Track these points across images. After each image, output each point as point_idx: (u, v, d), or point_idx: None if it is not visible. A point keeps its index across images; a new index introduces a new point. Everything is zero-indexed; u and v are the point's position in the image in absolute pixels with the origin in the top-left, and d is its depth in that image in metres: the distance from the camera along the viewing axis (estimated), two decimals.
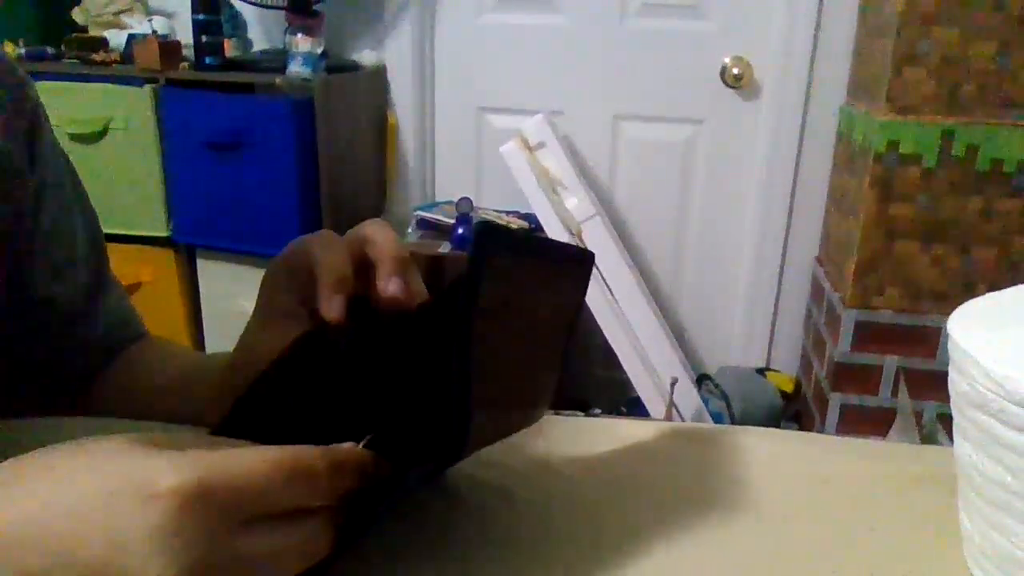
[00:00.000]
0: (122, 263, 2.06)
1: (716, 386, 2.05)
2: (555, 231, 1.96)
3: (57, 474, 0.28)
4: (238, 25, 2.13)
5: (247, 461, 0.28)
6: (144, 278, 2.10)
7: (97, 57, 2.00)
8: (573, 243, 1.96)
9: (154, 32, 2.02)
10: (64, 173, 0.51)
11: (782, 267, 2.18)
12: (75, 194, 0.52)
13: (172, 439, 0.30)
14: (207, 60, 1.93)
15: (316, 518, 0.30)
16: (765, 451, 0.51)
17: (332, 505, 0.31)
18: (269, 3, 2.06)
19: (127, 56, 2.00)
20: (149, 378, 0.53)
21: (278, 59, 1.97)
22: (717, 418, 1.99)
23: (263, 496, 0.28)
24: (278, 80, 1.89)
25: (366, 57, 2.18)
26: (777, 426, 2.01)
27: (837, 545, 0.41)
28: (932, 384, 1.71)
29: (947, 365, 0.39)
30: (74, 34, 2.08)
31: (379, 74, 2.21)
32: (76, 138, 1.96)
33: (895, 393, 1.75)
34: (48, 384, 0.51)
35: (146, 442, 0.29)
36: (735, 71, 2.08)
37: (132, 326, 0.56)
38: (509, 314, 0.36)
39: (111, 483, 0.27)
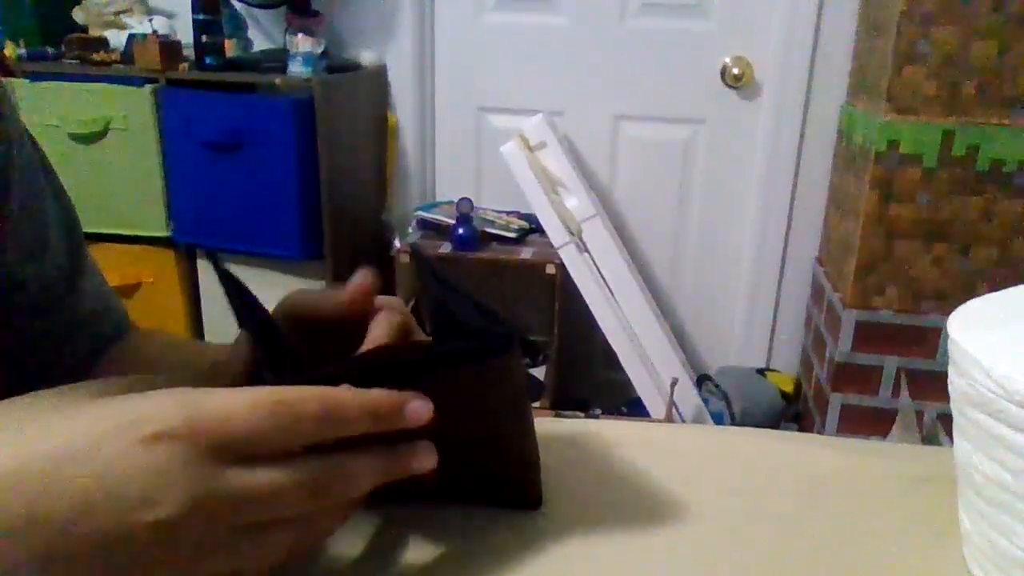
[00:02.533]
0: (122, 263, 2.07)
1: (716, 386, 2.05)
2: (555, 231, 1.96)
3: (41, 419, 0.28)
4: (238, 25, 2.13)
5: (231, 399, 0.28)
6: (145, 278, 2.10)
7: (97, 57, 2.00)
8: (571, 239, 1.96)
9: (154, 32, 2.02)
10: (33, 155, 0.50)
11: (782, 267, 2.18)
12: (46, 177, 0.51)
13: (144, 386, 0.30)
14: (207, 60, 1.93)
15: (326, 459, 0.30)
16: (765, 451, 0.51)
17: (359, 448, 0.31)
18: (268, 2, 2.06)
19: (127, 56, 2.00)
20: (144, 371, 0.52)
21: (278, 59, 1.97)
22: (717, 418, 1.99)
23: (248, 434, 0.28)
24: (278, 80, 1.89)
25: (366, 57, 2.18)
26: (777, 426, 2.01)
27: (837, 545, 0.41)
28: (932, 384, 1.71)
29: (947, 365, 0.39)
30: (74, 34, 2.08)
31: (379, 74, 2.21)
32: (76, 138, 1.96)
33: (895, 393, 1.75)
34: (30, 376, 0.51)
35: (127, 386, 0.29)
36: (735, 71, 2.08)
37: (116, 315, 0.56)
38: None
39: (98, 426, 0.27)
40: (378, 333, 0.40)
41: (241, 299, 0.37)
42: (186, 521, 0.27)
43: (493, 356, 0.36)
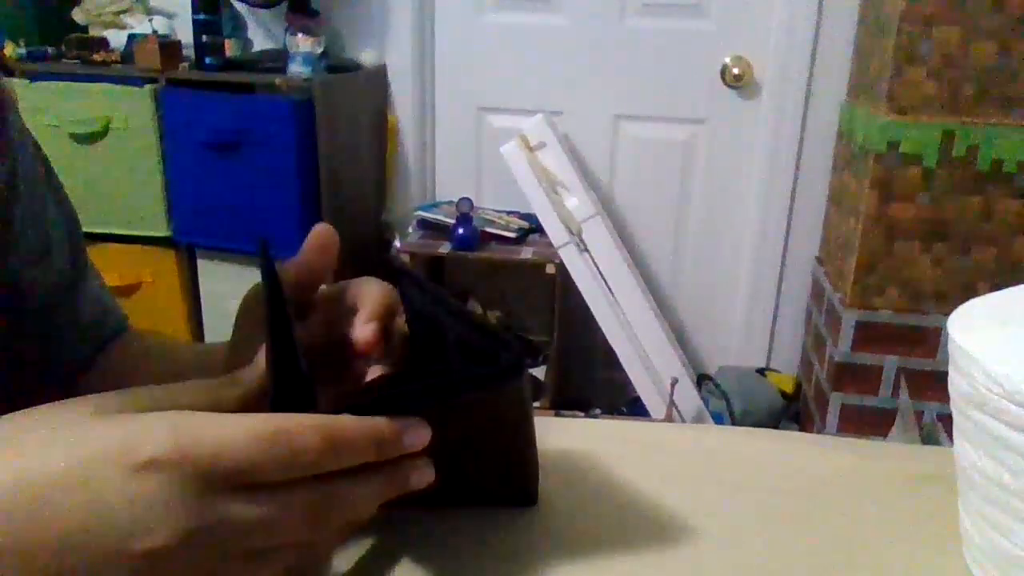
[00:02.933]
0: (122, 263, 2.07)
1: (716, 386, 2.05)
2: (555, 230, 1.96)
3: (28, 444, 0.27)
4: (238, 25, 2.13)
5: (227, 427, 0.28)
6: (145, 278, 2.10)
7: (97, 57, 2.00)
8: (571, 239, 1.96)
9: (154, 32, 2.02)
10: (36, 159, 0.51)
11: (782, 267, 2.18)
12: (48, 181, 0.52)
13: (148, 399, 0.30)
14: (207, 60, 1.93)
15: (325, 488, 0.30)
16: (765, 451, 0.51)
17: (356, 476, 0.31)
18: (266, 0, 2.06)
19: (127, 56, 2.00)
20: (141, 375, 0.52)
21: (278, 59, 1.97)
22: (717, 418, 1.99)
23: (245, 464, 0.27)
24: (278, 80, 1.89)
25: (366, 57, 2.18)
26: (777, 426, 2.01)
27: (837, 545, 0.41)
28: (932, 384, 1.71)
29: (947, 365, 0.39)
30: (74, 34, 2.08)
31: (379, 74, 2.21)
32: (76, 138, 1.96)
33: (895, 393, 1.75)
34: (33, 379, 0.51)
35: (119, 407, 0.29)
36: (735, 71, 2.08)
37: (115, 316, 0.56)
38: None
39: (88, 451, 0.27)
40: (370, 311, 0.39)
41: (274, 304, 0.35)
42: (179, 551, 0.26)
43: (504, 382, 0.35)
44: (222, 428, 0.28)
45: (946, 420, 1.67)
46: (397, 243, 2.18)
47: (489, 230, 2.08)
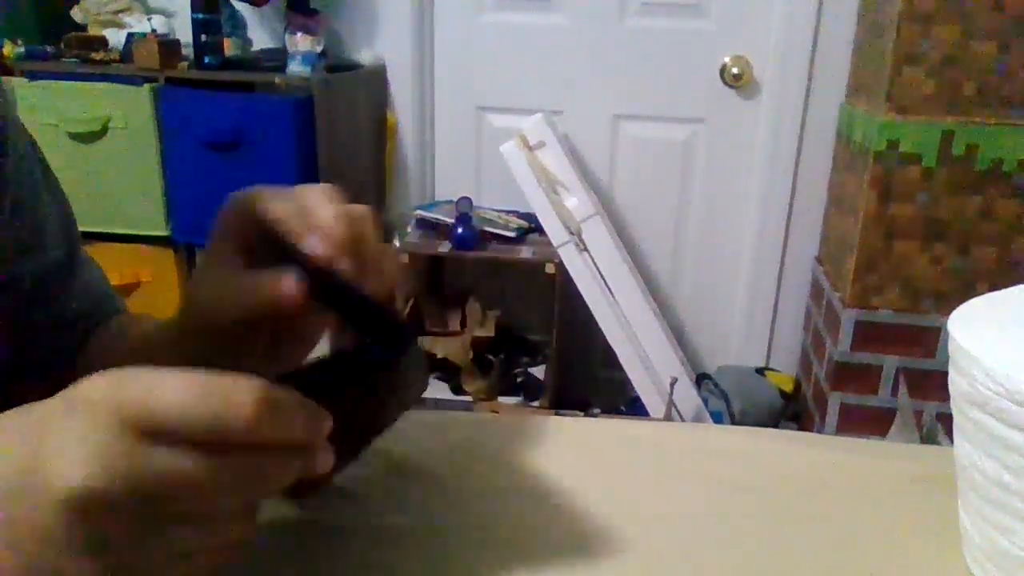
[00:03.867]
0: (121, 262, 2.07)
1: (716, 385, 2.05)
2: (555, 230, 1.96)
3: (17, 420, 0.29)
4: (237, 24, 2.13)
5: (165, 375, 0.28)
6: (144, 278, 2.10)
7: (96, 56, 2.00)
8: (571, 238, 1.96)
9: (153, 31, 2.01)
10: (29, 151, 0.51)
11: (782, 267, 2.18)
12: (42, 173, 0.52)
13: None
14: (207, 59, 1.93)
15: (257, 453, 0.29)
16: (764, 451, 0.51)
17: (281, 445, 0.30)
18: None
19: (126, 55, 2.00)
20: (118, 348, 0.53)
21: (278, 58, 1.97)
22: (717, 417, 1.99)
23: (178, 411, 0.27)
24: (278, 79, 1.89)
25: (366, 56, 2.18)
26: (776, 426, 2.01)
27: (837, 545, 0.41)
28: (932, 384, 1.71)
29: (947, 365, 0.39)
30: (73, 33, 2.08)
31: (379, 73, 2.20)
32: (75, 137, 1.96)
33: (895, 393, 1.75)
34: (30, 370, 0.51)
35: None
36: (735, 70, 2.08)
37: (110, 302, 0.56)
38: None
39: (39, 411, 0.29)
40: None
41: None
42: (107, 497, 0.26)
43: (400, 361, 0.39)
44: (160, 376, 0.28)
45: (946, 420, 1.67)
46: (396, 243, 2.18)
47: (489, 229, 2.08)
